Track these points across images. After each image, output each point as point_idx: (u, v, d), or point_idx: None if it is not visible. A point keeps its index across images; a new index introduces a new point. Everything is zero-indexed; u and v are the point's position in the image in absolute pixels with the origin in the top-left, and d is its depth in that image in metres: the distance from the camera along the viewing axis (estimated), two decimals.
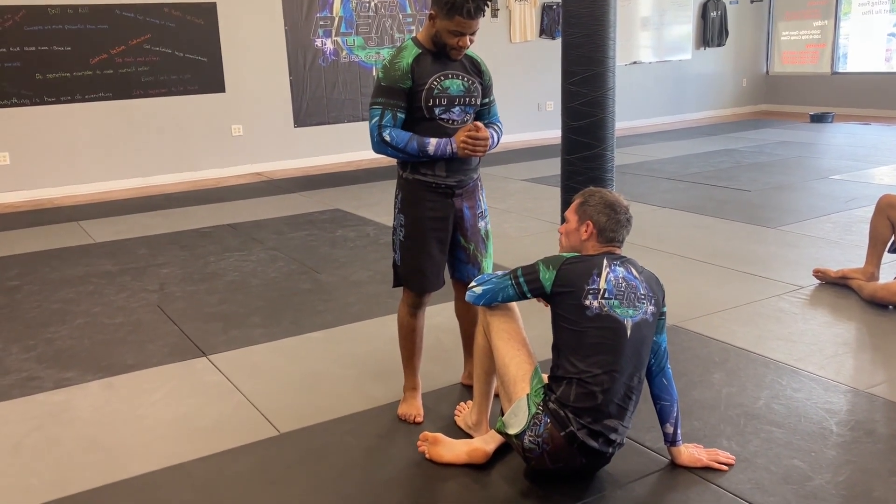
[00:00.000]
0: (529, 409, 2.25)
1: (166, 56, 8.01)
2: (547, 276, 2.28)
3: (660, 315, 2.35)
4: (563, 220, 2.45)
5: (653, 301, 2.31)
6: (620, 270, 2.29)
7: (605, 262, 2.29)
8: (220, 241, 5.57)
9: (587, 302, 2.23)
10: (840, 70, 11.70)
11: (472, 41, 2.55)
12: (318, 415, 2.85)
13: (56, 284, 4.65)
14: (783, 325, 3.53)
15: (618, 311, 2.24)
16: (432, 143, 2.56)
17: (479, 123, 2.57)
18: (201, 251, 5.29)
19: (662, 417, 2.39)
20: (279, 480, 2.44)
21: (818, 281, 4.08)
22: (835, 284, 4.01)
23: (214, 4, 8.18)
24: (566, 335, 2.26)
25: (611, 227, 2.35)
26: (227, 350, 3.52)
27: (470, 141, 2.54)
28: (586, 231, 2.36)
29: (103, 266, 5.02)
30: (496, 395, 2.69)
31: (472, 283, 2.45)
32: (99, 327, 3.88)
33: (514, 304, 2.45)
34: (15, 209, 7.13)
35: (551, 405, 2.22)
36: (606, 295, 2.24)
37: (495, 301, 2.39)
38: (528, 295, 2.33)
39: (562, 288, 2.26)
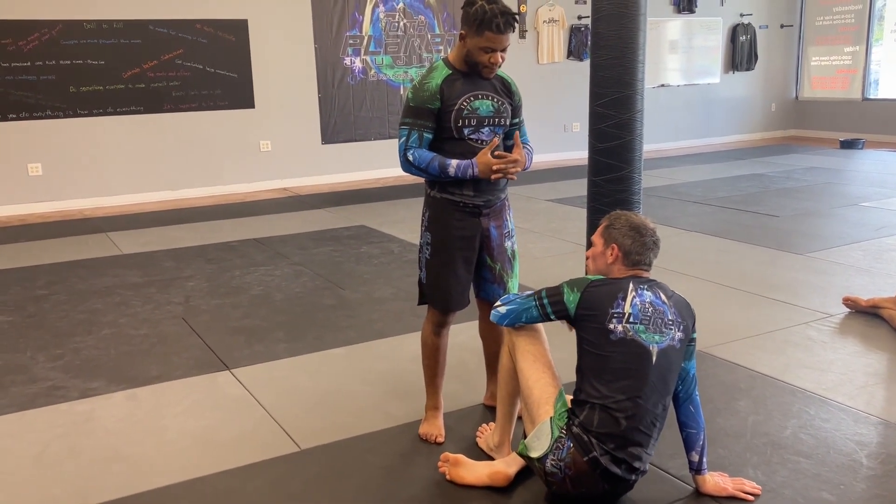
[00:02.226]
0: (552, 433, 2.22)
1: (197, 71, 8.13)
2: (571, 299, 2.26)
3: (689, 342, 2.31)
4: (590, 245, 2.44)
5: (681, 327, 2.27)
6: (648, 295, 2.26)
7: (630, 285, 2.26)
8: (245, 255, 5.60)
9: (611, 326, 2.20)
10: (871, 96, 11.59)
11: (503, 58, 2.56)
12: (339, 432, 2.85)
13: (83, 295, 4.70)
14: (811, 353, 3.48)
15: (643, 336, 2.21)
16: (453, 165, 2.56)
17: (504, 147, 2.57)
18: (227, 265, 5.33)
19: (688, 445, 2.35)
20: (298, 497, 2.43)
21: (848, 309, 4.02)
22: (865, 313, 3.95)
23: (246, 21, 8.30)
24: (590, 359, 2.23)
25: (636, 249, 2.33)
26: (250, 364, 3.53)
27: (507, 169, 2.54)
28: (612, 254, 2.34)
29: (130, 277, 5.07)
30: (519, 418, 2.67)
31: (497, 303, 2.44)
32: (124, 338, 3.92)
33: (540, 326, 2.43)
34: (45, 219, 7.23)
35: (575, 429, 2.19)
36: (631, 319, 2.21)
37: (519, 321, 2.38)
38: (552, 316, 2.31)
39: (586, 311, 2.24)
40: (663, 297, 2.28)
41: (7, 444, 2.82)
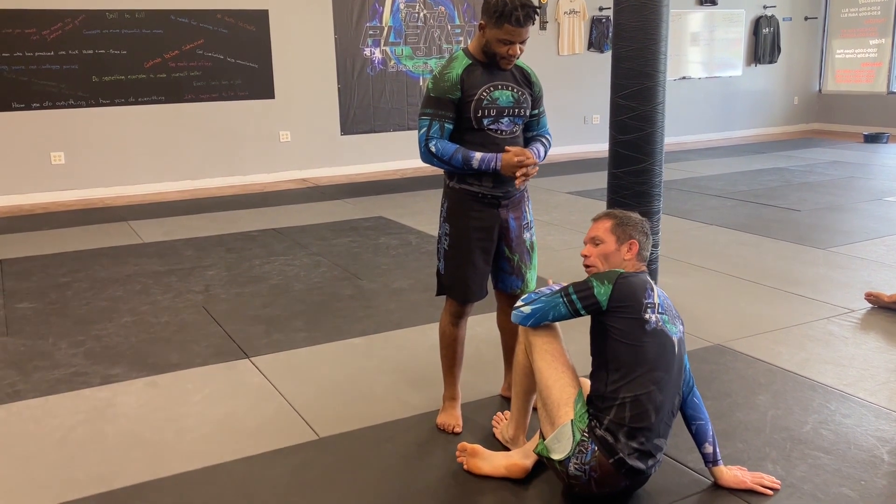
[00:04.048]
0: (574, 436, 2.19)
1: (218, 62, 8.16)
2: (602, 292, 2.22)
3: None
4: (596, 243, 2.39)
5: (681, 320, 2.34)
6: (657, 289, 2.32)
7: (648, 279, 2.31)
8: (265, 244, 5.63)
9: (647, 316, 2.20)
10: None
11: (521, 50, 2.55)
12: (358, 421, 2.86)
13: (105, 282, 4.75)
14: (832, 348, 3.45)
15: (668, 326, 2.24)
16: (476, 158, 2.55)
17: (524, 139, 2.56)
18: (247, 254, 5.36)
19: (700, 437, 2.34)
20: (316, 485, 2.44)
21: (870, 305, 3.98)
22: (888, 309, 3.91)
23: (266, 12, 8.31)
24: (622, 351, 2.19)
25: (647, 245, 2.39)
26: (269, 353, 3.55)
27: (525, 171, 2.52)
28: (629, 251, 2.34)
29: (151, 266, 5.11)
30: (534, 409, 2.67)
31: (520, 302, 2.37)
32: (145, 326, 3.95)
33: (556, 324, 2.40)
34: (68, 208, 7.31)
35: (599, 432, 2.18)
36: (660, 310, 2.23)
37: (545, 320, 2.33)
38: (582, 312, 2.26)
39: (620, 303, 2.21)
40: (663, 292, 2.34)
41: (30, 429, 2.86)
